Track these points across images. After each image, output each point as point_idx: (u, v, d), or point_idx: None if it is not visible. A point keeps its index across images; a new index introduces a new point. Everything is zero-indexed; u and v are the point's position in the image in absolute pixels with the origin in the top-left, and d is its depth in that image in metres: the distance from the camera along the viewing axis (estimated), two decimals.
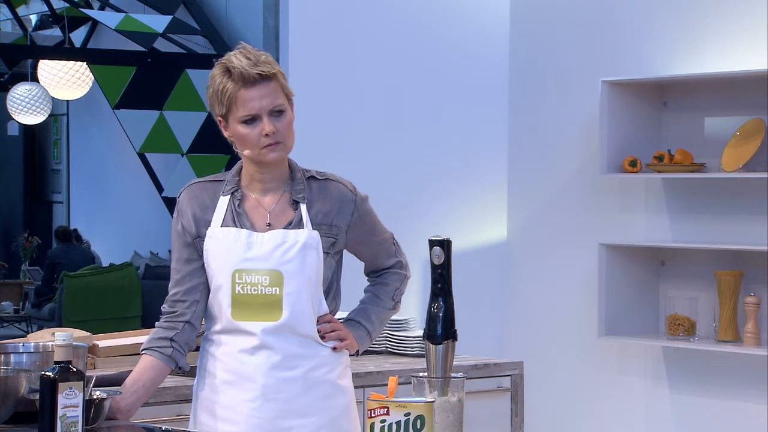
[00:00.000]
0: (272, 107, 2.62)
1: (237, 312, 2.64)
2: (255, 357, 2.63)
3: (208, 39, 6.08)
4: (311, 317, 2.65)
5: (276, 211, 2.68)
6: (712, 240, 4.91)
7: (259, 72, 2.60)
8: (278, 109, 2.63)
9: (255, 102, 2.60)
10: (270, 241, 2.64)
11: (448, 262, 2.25)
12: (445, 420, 2.13)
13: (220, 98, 2.63)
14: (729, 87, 4.89)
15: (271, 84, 2.62)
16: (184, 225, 2.73)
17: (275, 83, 2.63)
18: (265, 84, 2.61)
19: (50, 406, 2.21)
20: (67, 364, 2.26)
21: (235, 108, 2.62)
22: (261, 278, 2.63)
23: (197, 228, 2.71)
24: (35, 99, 7.86)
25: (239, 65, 2.61)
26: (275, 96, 2.62)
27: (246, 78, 2.60)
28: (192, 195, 2.74)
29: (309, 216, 2.67)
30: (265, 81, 2.61)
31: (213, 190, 2.73)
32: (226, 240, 2.66)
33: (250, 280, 2.64)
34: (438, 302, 2.23)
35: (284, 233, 2.64)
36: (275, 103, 2.62)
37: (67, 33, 7.44)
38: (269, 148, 2.63)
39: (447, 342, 2.21)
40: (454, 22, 5.55)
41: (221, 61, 2.66)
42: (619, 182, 5.23)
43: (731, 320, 4.78)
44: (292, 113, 2.67)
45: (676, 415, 5.13)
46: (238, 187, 2.72)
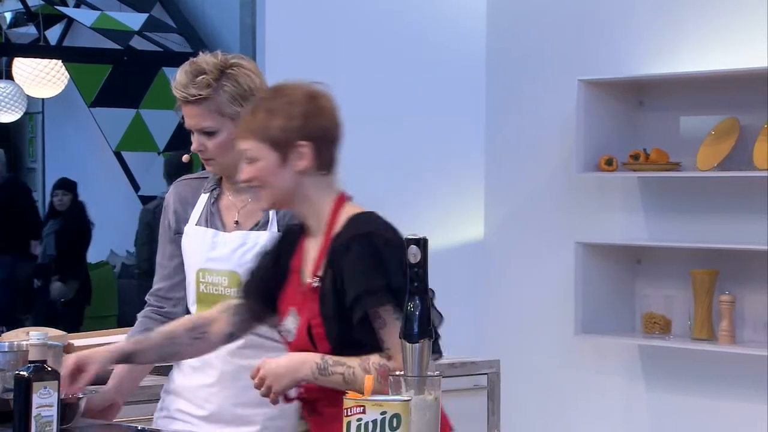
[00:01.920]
0: (199, 128, 2.66)
1: (200, 310, 2.68)
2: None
3: (185, 37, 6.06)
4: None
5: (246, 210, 2.71)
6: (687, 239, 4.94)
7: (184, 96, 2.64)
8: (207, 130, 2.65)
9: (187, 119, 2.67)
10: (232, 242, 2.68)
11: (425, 261, 2.24)
12: (422, 419, 2.13)
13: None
14: (704, 86, 4.92)
15: (198, 108, 2.64)
16: (168, 221, 2.78)
17: (204, 107, 2.64)
18: (194, 106, 2.64)
19: (24, 406, 2.20)
20: (41, 364, 2.25)
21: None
22: (221, 279, 2.67)
23: (177, 224, 2.76)
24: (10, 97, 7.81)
25: (175, 82, 2.67)
26: (202, 118, 2.64)
27: (177, 96, 2.66)
28: (176, 191, 2.80)
29: (277, 217, 2.68)
30: (192, 104, 2.64)
31: (197, 186, 2.77)
32: (195, 239, 2.71)
33: (212, 280, 2.68)
34: (414, 301, 2.22)
35: (246, 234, 2.67)
36: (201, 125, 2.65)
37: (42, 31, 7.39)
38: (204, 161, 2.70)
39: (423, 341, 2.21)
40: (431, 20, 5.55)
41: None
42: (596, 181, 5.25)
43: (706, 318, 4.81)
44: (227, 133, 2.64)
45: (651, 412, 5.16)
46: (217, 185, 2.75)
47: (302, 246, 2.46)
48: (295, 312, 2.42)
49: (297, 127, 2.37)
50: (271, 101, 2.39)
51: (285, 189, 2.39)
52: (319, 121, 2.41)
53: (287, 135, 2.37)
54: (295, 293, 2.44)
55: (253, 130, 2.38)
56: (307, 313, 2.40)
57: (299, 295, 2.42)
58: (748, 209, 4.83)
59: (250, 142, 2.39)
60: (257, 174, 2.38)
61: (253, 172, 2.39)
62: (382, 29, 5.43)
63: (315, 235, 2.43)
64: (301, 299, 2.41)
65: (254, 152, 2.39)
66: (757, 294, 4.80)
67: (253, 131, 2.38)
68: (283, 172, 2.38)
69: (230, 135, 2.63)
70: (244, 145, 2.40)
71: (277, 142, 2.37)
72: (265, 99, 2.42)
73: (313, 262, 2.42)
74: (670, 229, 5.05)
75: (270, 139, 2.37)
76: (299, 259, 2.45)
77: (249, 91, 2.65)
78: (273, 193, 2.40)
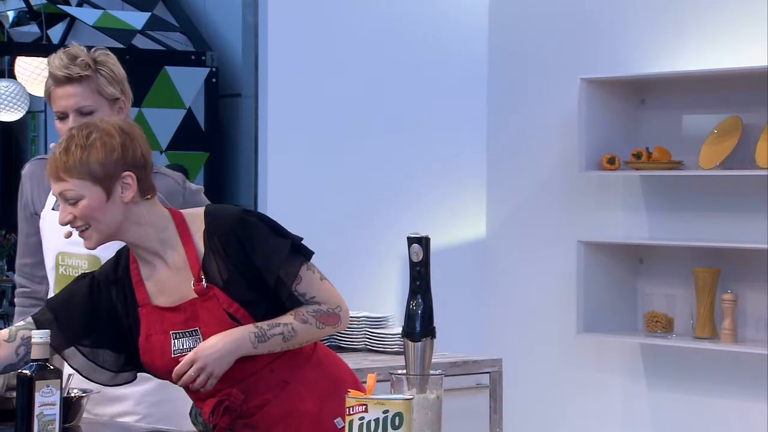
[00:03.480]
0: (78, 107, 2.75)
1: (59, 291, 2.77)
2: None
3: (187, 36, 6.06)
4: None
5: None
6: (689, 237, 4.94)
7: (66, 74, 2.74)
8: (86, 110, 2.75)
9: (62, 101, 2.76)
10: None
11: (427, 260, 2.25)
12: (424, 417, 2.13)
13: (45, 93, 2.81)
14: (707, 85, 4.92)
15: (80, 86, 2.75)
16: (25, 200, 2.91)
17: (86, 86, 2.75)
18: (74, 85, 2.75)
19: (27, 405, 2.20)
20: (44, 362, 2.25)
21: (51, 103, 2.80)
22: (81, 261, 2.77)
23: (33, 205, 2.89)
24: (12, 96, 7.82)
25: (52, 65, 2.77)
26: (82, 97, 2.75)
27: (56, 78, 2.76)
28: (32, 171, 2.92)
29: None
30: (74, 83, 2.75)
31: None
32: (53, 222, 2.77)
33: (72, 263, 2.79)
34: (417, 299, 2.23)
35: None
36: (80, 104, 2.75)
37: (45, 30, 7.39)
38: None
39: (426, 339, 2.21)
40: (433, 19, 5.55)
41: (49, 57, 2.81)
42: (598, 180, 5.25)
43: (708, 317, 4.81)
44: (108, 113, 2.76)
45: (653, 411, 5.16)
46: None
47: (137, 278, 2.45)
48: (181, 332, 2.41)
49: (118, 158, 2.37)
50: (84, 137, 2.37)
51: (114, 222, 2.38)
52: (137, 150, 2.41)
53: (109, 168, 2.36)
54: (165, 318, 2.42)
55: (70, 168, 2.35)
56: (214, 312, 2.39)
57: (179, 313, 2.41)
58: (751, 208, 4.83)
59: (69, 182, 2.36)
60: (83, 213, 2.36)
61: (80, 212, 2.37)
62: (384, 29, 5.43)
63: (161, 253, 2.42)
64: (189, 312, 2.40)
65: (76, 191, 2.36)
66: (759, 293, 4.80)
67: (70, 170, 2.35)
68: (110, 206, 2.37)
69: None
70: (61, 186, 2.36)
71: (100, 176, 2.36)
72: (74, 136, 2.38)
73: (185, 270, 2.40)
74: (672, 227, 5.05)
75: (92, 174, 2.35)
76: (143, 291, 2.44)
77: (121, 78, 2.80)
78: (102, 228, 2.38)
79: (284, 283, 2.40)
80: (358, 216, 5.33)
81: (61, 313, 2.47)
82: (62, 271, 2.82)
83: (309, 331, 2.41)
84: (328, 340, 4.33)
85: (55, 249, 2.84)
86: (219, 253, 2.40)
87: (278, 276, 2.39)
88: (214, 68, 5.70)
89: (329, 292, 2.45)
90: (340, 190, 5.28)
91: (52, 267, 2.85)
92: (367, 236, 5.35)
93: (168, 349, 2.42)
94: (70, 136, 2.39)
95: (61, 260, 2.83)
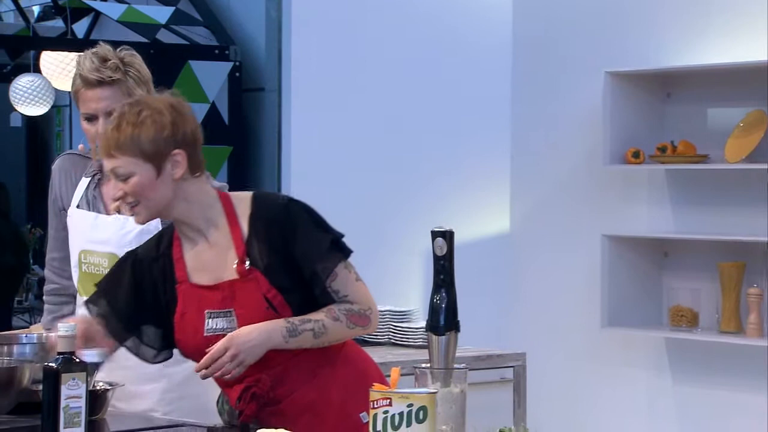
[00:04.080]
0: (108, 110, 2.75)
1: (82, 288, 2.83)
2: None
3: (211, 30, 6.08)
4: None
5: None
6: (714, 231, 4.91)
7: (98, 78, 2.77)
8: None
9: (92, 103, 2.78)
10: (112, 225, 2.82)
11: (451, 254, 2.24)
12: (448, 411, 2.13)
13: (72, 94, 2.84)
14: (732, 78, 4.88)
15: (112, 89, 2.78)
16: (54, 195, 2.94)
17: (117, 88, 2.78)
18: (106, 88, 2.78)
19: (53, 397, 2.21)
20: (70, 355, 2.26)
21: (79, 105, 2.83)
22: (101, 260, 2.81)
23: (62, 200, 2.92)
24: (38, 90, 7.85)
25: (83, 67, 2.79)
26: (114, 100, 2.76)
27: (87, 80, 2.78)
28: (61, 166, 2.96)
29: None
30: (106, 85, 2.78)
31: (80, 164, 2.92)
32: (77, 220, 2.85)
33: (94, 261, 2.82)
34: (441, 293, 2.23)
35: (125, 219, 2.78)
36: (111, 108, 2.73)
37: (70, 24, 7.43)
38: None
39: (450, 333, 2.21)
40: (457, 13, 5.54)
41: (78, 57, 2.84)
42: (622, 173, 5.23)
43: (734, 311, 4.78)
44: None
45: (678, 406, 5.14)
46: (99, 170, 2.89)
47: (178, 255, 2.47)
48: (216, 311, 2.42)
49: (168, 136, 2.39)
50: (135, 115, 2.38)
51: (164, 199, 2.40)
52: (187, 128, 2.42)
53: (160, 146, 2.38)
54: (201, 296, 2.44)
55: (121, 146, 2.37)
56: (252, 294, 2.40)
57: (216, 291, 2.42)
58: None
59: (120, 159, 2.38)
60: (134, 189, 2.39)
61: (130, 188, 2.39)
62: (407, 22, 5.42)
63: (205, 231, 2.44)
64: (227, 292, 2.42)
65: (127, 168, 2.38)
66: None
67: (121, 147, 2.37)
68: (160, 183, 2.39)
69: None
70: (112, 163, 2.38)
71: (151, 154, 2.37)
72: (126, 113, 2.40)
73: (227, 250, 2.42)
74: (698, 221, 5.02)
75: (142, 152, 2.37)
76: (182, 268, 2.46)
77: (147, 78, 2.83)
78: (151, 205, 2.41)
79: (319, 278, 2.41)
80: (381, 210, 5.33)
81: (112, 297, 2.51)
82: (85, 269, 2.85)
83: (339, 330, 2.42)
84: None
85: (79, 247, 2.86)
86: (262, 238, 2.41)
87: (314, 269, 2.41)
88: (238, 62, 5.71)
89: (362, 293, 2.45)
90: (364, 185, 5.28)
91: (76, 264, 2.87)
92: (391, 230, 5.35)
93: (201, 327, 2.43)
94: (121, 114, 2.40)
95: (84, 258, 2.85)
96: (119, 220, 2.82)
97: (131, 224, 2.77)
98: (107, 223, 2.84)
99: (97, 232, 2.83)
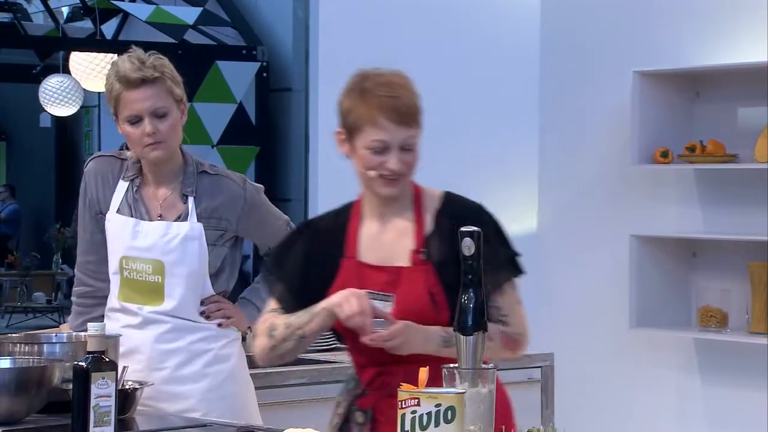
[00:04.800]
0: (154, 109, 2.78)
1: (123, 295, 2.84)
2: (141, 332, 2.83)
3: (239, 31, 6.10)
4: (193, 303, 2.83)
5: (167, 204, 2.86)
6: (744, 231, 4.88)
7: (141, 76, 2.78)
8: (161, 112, 2.79)
9: (137, 104, 2.78)
10: (154, 232, 2.82)
11: (479, 254, 2.24)
12: (476, 411, 2.12)
13: (110, 98, 2.82)
14: (762, 77, 4.85)
15: (155, 87, 2.79)
16: (89, 198, 2.92)
17: (159, 87, 2.79)
18: (148, 87, 2.78)
19: (83, 396, 2.22)
20: (99, 355, 2.27)
21: (121, 108, 2.80)
22: (145, 266, 2.82)
23: (99, 205, 2.91)
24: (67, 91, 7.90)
25: (123, 69, 2.79)
26: (158, 98, 2.79)
27: (129, 81, 2.78)
28: (96, 169, 2.93)
29: (197, 210, 2.83)
30: (148, 84, 2.78)
31: (114, 165, 2.91)
32: (117, 226, 2.85)
33: (136, 267, 2.83)
34: (468, 293, 2.22)
35: (167, 225, 2.82)
36: (156, 106, 2.78)
37: (99, 25, 7.47)
38: (150, 147, 2.80)
39: (478, 333, 2.21)
40: (485, 12, 5.53)
41: (113, 61, 2.84)
42: (651, 173, 5.20)
43: (764, 312, 4.75)
44: (177, 114, 2.83)
45: (707, 406, 5.11)
46: (138, 174, 2.89)
47: (353, 230, 2.48)
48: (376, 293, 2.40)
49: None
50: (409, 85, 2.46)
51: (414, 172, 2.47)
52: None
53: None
54: (364, 275, 2.43)
55: (416, 115, 2.44)
56: (417, 285, 2.40)
57: (382, 273, 2.42)
58: None
59: (414, 129, 2.45)
60: (415, 160, 2.45)
61: (412, 159, 2.45)
62: (435, 22, 5.42)
63: (389, 215, 2.46)
64: (393, 277, 2.41)
65: (417, 137, 2.46)
66: None
67: (417, 117, 2.44)
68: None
69: (176, 118, 2.82)
70: (406, 132, 2.42)
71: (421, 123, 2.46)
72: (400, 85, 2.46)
73: (405, 236, 2.44)
74: (727, 221, 4.99)
75: (421, 121, 2.45)
76: (354, 244, 2.47)
77: (180, 80, 2.85)
78: (408, 179, 2.47)
79: (486, 289, 2.36)
80: None
81: (290, 279, 2.50)
82: (126, 275, 2.85)
83: (491, 350, 2.38)
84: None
85: (119, 253, 2.86)
86: (444, 235, 2.43)
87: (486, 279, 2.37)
88: (265, 63, 5.72)
89: (520, 317, 2.48)
90: None
91: (116, 271, 2.87)
92: None
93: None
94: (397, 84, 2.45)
95: (125, 264, 2.85)
96: (161, 226, 2.83)
97: (174, 230, 2.82)
98: (149, 229, 2.83)
99: (139, 239, 2.83)
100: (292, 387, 3.64)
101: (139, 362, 2.83)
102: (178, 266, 2.81)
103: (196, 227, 2.82)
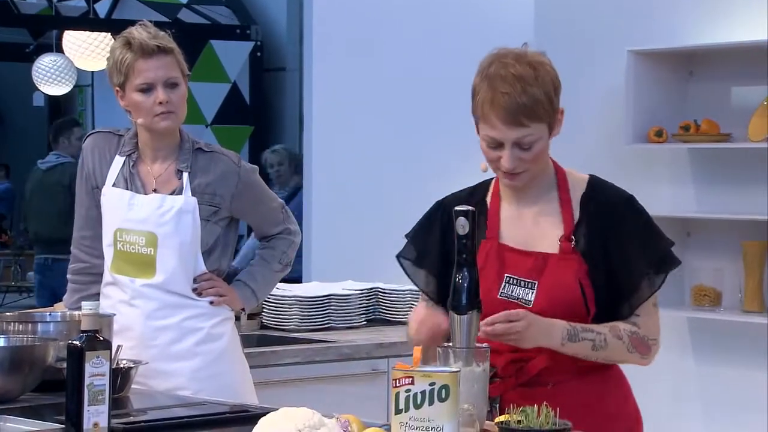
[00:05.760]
0: (166, 78, 2.81)
1: (116, 267, 2.86)
2: (132, 309, 2.85)
3: (232, 9, 6.08)
4: (184, 277, 2.84)
5: (162, 179, 2.88)
6: (738, 210, 4.88)
7: (157, 44, 2.80)
8: (172, 81, 2.82)
9: (151, 72, 2.80)
10: (149, 205, 2.84)
11: (473, 233, 2.24)
12: (470, 390, 2.13)
13: (119, 67, 2.83)
14: (756, 56, 4.85)
15: (168, 58, 2.82)
16: (86, 172, 2.94)
17: (171, 58, 2.83)
18: (162, 57, 2.81)
19: (77, 375, 2.22)
20: (93, 333, 2.27)
21: (133, 76, 2.81)
22: (138, 238, 2.84)
23: (95, 179, 2.93)
24: (60, 70, 7.88)
25: (139, 37, 2.81)
26: (171, 68, 2.82)
27: (145, 49, 2.80)
28: (94, 144, 2.96)
29: (191, 186, 2.85)
30: (162, 54, 2.81)
31: (112, 141, 2.93)
32: (113, 199, 2.87)
33: (130, 239, 2.85)
34: (463, 273, 2.23)
35: (162, 198, 2.84)
36: (169, 75, 2.81)
37: (92, 4, 7.45)
38: (162, 116, 2.82)
39: (471, 312, 2.21)
40: None
41: (122, 34, 2.86)
42: (645, 152, 5.20)
43: (757, 291, 4.76)
44: (185, 88, 2.86)
45: (701, 385, 5.12)
46: (135, 149, 2.91)
47: (494, 210, 2.40)
48: (518, 278, 2.33)
49: (554, 96, 2.38)
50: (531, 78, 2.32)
51: (545, 162, 2.38)
52: (558, 84, 2.39)
53: (554, 106, 2.37)
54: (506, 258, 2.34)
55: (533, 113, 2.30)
56: (564, 273, 2.31)
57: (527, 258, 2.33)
58: None
59: (527, 128, 2.31)
60: (536, 157, 2.33)
61: (531, 156, 2.33)
62: (428, 4, 5.40)
63: (533, 198, 2.37)
64: (539, 263, 2.32)
65: (535, 135, 2.33)
66: None
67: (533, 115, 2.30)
68: (547, 144, 2.37)
69: (185, 91, 2.85)
70: (517, 132, 2.30)
71: (550, 116, 2.35)
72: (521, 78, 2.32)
73: (550, 222, 2.35)
74: (721, 200, 5.00)
75: (545, 116, 2.33)
76: (496, 225, 2.38)
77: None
78: (534, 170, 2.36)
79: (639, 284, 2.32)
80: (403, 188, 5.32)
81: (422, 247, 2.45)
82: (120, 247, 2.86)
83: (618, 350, 2.31)
84: (372, 314, 4.34)
85: (114, 225, 2.88)
86: (591, 222, 2.33)
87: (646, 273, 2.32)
88: (259, 42, 5.71)
89: (654, 321, 2.38)
90: (385, 164, 5.28)
91: (110, 243, 2.88)
92: (413, 210, 5.33)
93: (495, 288, 2.32)
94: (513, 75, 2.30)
95: (119, 236, 2.86)
96: (156, 199, 2.85)
97: (169, 203, 2.83)
98: (144, 202, 2.85)
99: (134, 211, 2.85)
100: (286, 366, 3.66)
101: (132, 339, 2.84)
102: (170, 238, 2.83)
103: (191, 201, 2.84)
